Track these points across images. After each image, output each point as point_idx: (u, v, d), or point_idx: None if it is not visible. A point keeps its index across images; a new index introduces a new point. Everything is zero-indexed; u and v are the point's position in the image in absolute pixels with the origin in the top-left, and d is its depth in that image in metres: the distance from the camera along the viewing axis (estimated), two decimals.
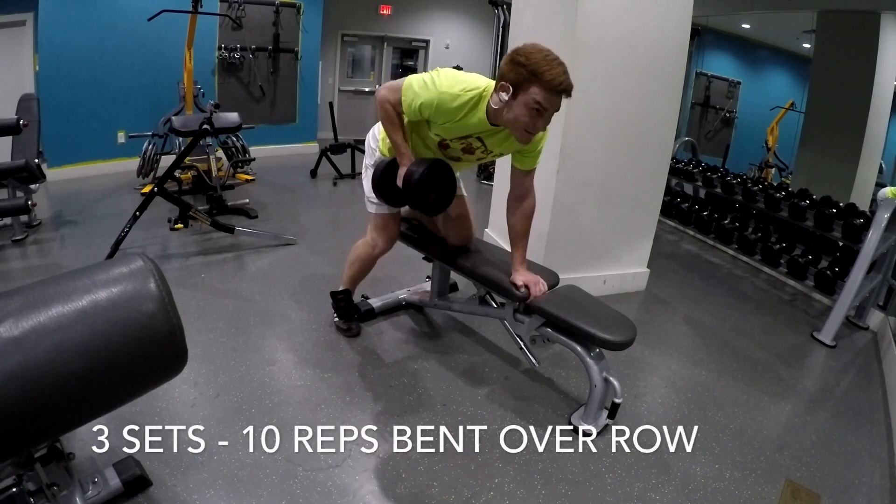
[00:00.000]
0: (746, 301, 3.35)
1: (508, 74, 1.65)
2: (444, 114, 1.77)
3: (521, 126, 1.70)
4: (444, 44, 8.12)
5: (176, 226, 3.38)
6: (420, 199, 1.95)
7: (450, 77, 1.77)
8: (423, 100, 1.76)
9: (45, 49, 4.54)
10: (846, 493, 1.77)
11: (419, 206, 2.01)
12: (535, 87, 1.62)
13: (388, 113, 1.89)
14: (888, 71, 4.24)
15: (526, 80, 1.62)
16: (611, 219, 2.97)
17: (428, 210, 2.03)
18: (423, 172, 1.89)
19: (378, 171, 2.03)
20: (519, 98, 1.65)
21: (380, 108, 1.90)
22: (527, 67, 1.60)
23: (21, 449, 1.11)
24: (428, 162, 1.94)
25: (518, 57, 1.62)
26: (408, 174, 1.90)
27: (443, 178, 1.99)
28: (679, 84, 2.91)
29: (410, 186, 1.90)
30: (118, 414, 1.46)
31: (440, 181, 1.98)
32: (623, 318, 1.93)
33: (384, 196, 2.07)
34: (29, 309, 0.94)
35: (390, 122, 1.91)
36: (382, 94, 1.88)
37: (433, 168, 1.93)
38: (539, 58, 1.61)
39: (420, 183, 1.90)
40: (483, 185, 5.55)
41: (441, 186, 1.99)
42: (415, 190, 1.90)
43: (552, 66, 1.61)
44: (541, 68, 1.60)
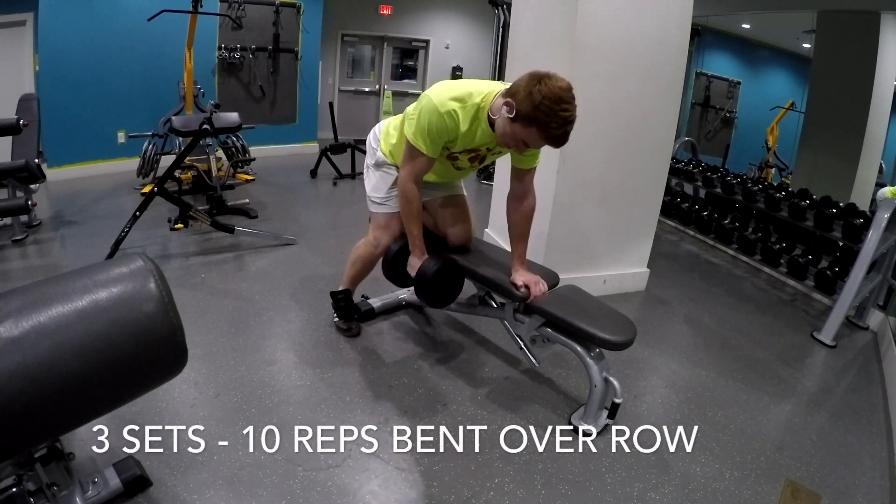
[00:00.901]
0: (746, 301, 3.35)
1: (520, 98, 1.59)
2: (451, 131, 1.78)
3: (505, 141, 1.72)
4: (444, 44, 8.11)
5: (176, 226, 3.38)
6: (430, 294, 2.07)
7: (439, 94, 1.76)
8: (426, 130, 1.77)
9: (45, 49, 4.54)
10: (846, 493, 1.77)
11: (427, 300, 2.12)
12: (533, 129, 1.60)
13: (409, 195, 1.93)
14: (888, 71, 4.24)
15: (530, 117, 1.58)
16: (611, 219, 2.97)
17: (434, 304, 2.15)
18: (436, 271, 2.01)
19: (390, 254, 2.15)
20: (516, 123, 1.63)
21: (401, 194, 1.95)
22: (538, 108, 1.56)
23: (21, 449, 1.11)
24: (441, 261, 2.04)
25: (536, 93, 1.56)
26: (422, 271, 2.01)
27: (453, 276, 2.11)
28: (679, 84, 2.91)
29: (423, 282, 2.02)
30: (118, 414, 1.46)
31: (451, 279, 2.10)
32: (623, 318, 1.93)
33: (392, 276, 2.20)
34: (29, 309, 0.94)
35: (409, 211, 1.96)
36: (401, 177, 1.94)
37: (445, 268, 2.05)
38: (552, 107, 1.55)
39: (432, 281, 2.02)
40: (483, 185, 5.55)
41: (451, 284, 2.12)
42: (427, 286, 2.03)
43: (560, 122, 1.57)
44: (549, 121, 1.57)
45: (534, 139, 1.64)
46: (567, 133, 1.61)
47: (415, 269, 2.03)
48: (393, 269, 2.17)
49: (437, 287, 2.06)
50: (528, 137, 1.64)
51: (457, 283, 2.14)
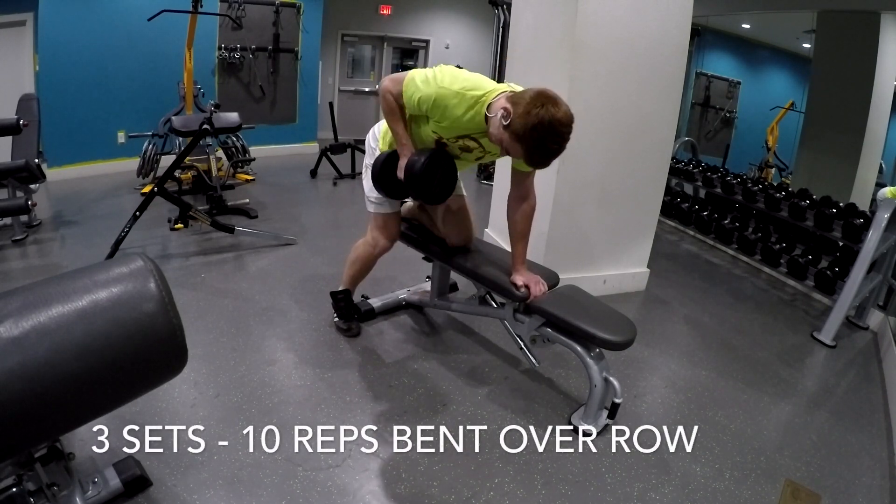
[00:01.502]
0: (746, 301, 3.35)
1: (518, 112, 1.58)
2: (442, 110, 1.77)
3: (492, 139, 1.73)
4: (444, 44, 8.12)
5: (176, 226, 3.38)
6: (422, 188, 1.95)
7: (451, 74, 1.77)
8: (422, 94, 1.77)
9: (45, 49, 4.54)
10: (846, 493, 1.77)
11: (422, 196, 2.02)
12: (518, 146, 1.62)
13: (391, 104, 1.90)
14: (888, 71, 4.24)
15: (519, 135, 1.58)
16: (611, 219, 2.97)
17: (430, 199, 2.04)
18: (424, 161, 1.90)
19: (378, 163, 2.03)
20: (506, 132, 1.63)
21: (382, 98, 1.92)
22: (530, 130, 1.55)
23: (21, 449, 1.11)
24: (429, 151, 1.94)
25: (536, 113, 1.55)
26: (409, 164, 1.91)
27: (444, 165, 1.99)
28: (679, 84, 2.91)
29: (413, 176, 1.90)
30: (118, 414, 1.46)
31: (442, 169, 1.98)
32: (623, 318, 1.93)
33: (385, 189, 2.06)
34: (29, 309, 0.94)
35: (392, 113, 1.92)
36: (386, 84, 1.90)
37: (434, 157, 1.94)
38: (543, 136, 1.55)
39: (422, 172, 1.90)
40: (483, 185, 5.55)
41: (443, 175, 2.00)
42: (417, 179, 1.90)
43: (544, 153, 1.59)
44: (535, 146, 1.58)
45: (516, 152, 1.67)
46: (548, 161, 1.64)
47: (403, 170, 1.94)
48: (383, 179, 2.02)
49: (430, 179, 1.93)
50: (511, 149, 1.67)
51: (450, 175, 2.02)
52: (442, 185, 2.01)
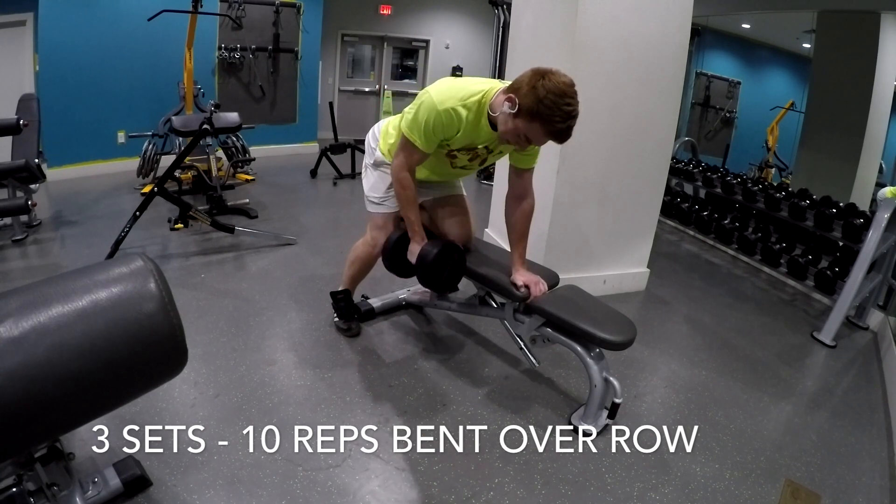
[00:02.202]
0: (746, 301, 3.35)
1: (523, 93, 1.58)
2: (452, 128, 1.77)
3: (506, 137, 1.71)
4: (444, 44, 8.11)
5: (176, 226, 3.38)
6: (433, 279, 2.04)
7: (440, 93, 1.74)
8: (423, 127, 1.76)
9: (45, 49, 4.54)
10: (846, 493, 1.77)
11: (429, 286, 2.10)
12: (536, 124, 1.58)
13: (403, 182, 1.92)
14: (888, 71, 4.24)
15: (534, 112, 1.56)
16: (611, 219, 2.97)
17: (437, 288, 2.13)
18: (436, 254, 1.98)
19: (389, 244, 2.11)
20: (519, 118, 1.61)
21: (397, 182, 1.94)
22: (542, 103, 1.54)
23: (21, 449, 1.11)
24: (441, 244, 2.01)
25: (540, 87, 1.54)
26: (422, 255, 1.98)
27: (455, 258, 2.07)
28: (679, 84, 2.91)
29: (424, 267, 1.99)
30: (118, 414, 1.46)
31: (452, 262, 2.07)
32: (623, 318, 1.93)
33: (393, 267, 2.16)
34: (29, 309, 0.94)
35: (406, 197, 1.96)
36: (395, 164, 1.93)
37: (446, 250, 2.01)
38: (556, 101, 1.53)
39: (434, 265, 1.98)
40: (483, 185, 5.55)
41: (453, 267, 2.08)
42: (428, 271, 1.99)
43: (563, 116, 1.55)
44: (552, 115, 1.54)
45: (536, 134, 1.62)
46: (570, 128, 1.59)
47: (415, 256, 2.00)
48: (393, 260, 2.13)
49: (440, 271, 2.03)
50: (530, 132, 1.62)
51: (459, 266, 2.10)
52: (450, 277, 2.10)
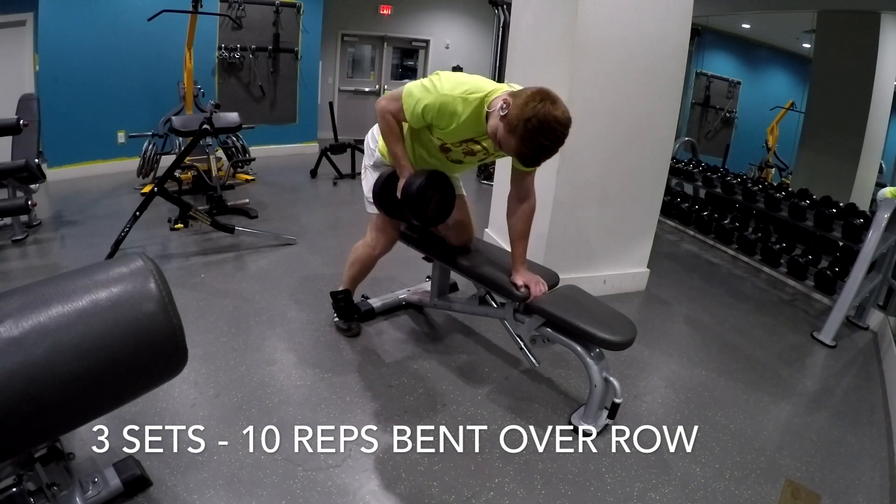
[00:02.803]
0: (746, 301, 3.35)
1: (516, 104, 1.58)
2: (447, 117, 1.77)
3: (489, 133, 1.71)
4: (444, 44, 8.11)
5: (176, 226, 3.38)
6: (419, 210, 1.98)
7: (451, 80, 1.76)
8: (425, 103, 1.75)
9: (45, 49, 4.54)
10: (846, 493, 1.77)
11: (418, 218, 2.03)
12: (511, 138, 1.59)
13: (389, 123, 1.90)
14: (888, 71, 4.24)
15: (513, 127, 1.57)
16: (611, 219, 2.97)
17: (426, 222, 2.07)
18: (421, 183, 1.92)
19: (379, 183, 2.05)
20: (502, 123, 1.62)
21: (380, 118, 1.91)
22: (524, 122, 1.54)
23: (21, 449, 1.11)
24: (426, 173, 1.96)
25: (533, 107, 1.53)
26: (406, 185, 1.93)
27: (441, 188, 2.01)
28: (679, 84, 2.91)
29: (409, 197, 1.93)
30: (118, 414, 1.46)
31: (439, 192, 2.01)
32: (623, 318, 1.93)
33: (385, 209, 2.10)
34: (29, 309, 0.94)
35: (391, 133, 1.92)
36: (382, 104, 1.89)
37: (431, 179, 1.96)
38: (537, 128, 1.53)
39: (419, 194, 1.92)
40: (483, 185, 5.55)
41: (440, 198, 2.02)
42: (413, 201, 1.93)
43: (535, 147, 1.56)
44: (526, 138, 1.55)
45: (508, 146, 1.63)
46: (538, 159, 1.62)
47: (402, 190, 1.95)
48: (384, 198, 2.05)
49: (426, 201, 1.96)
50: (504, 141, 1.63)
51: (447, 197, 2.04)
52: (438, 208, 2.03)
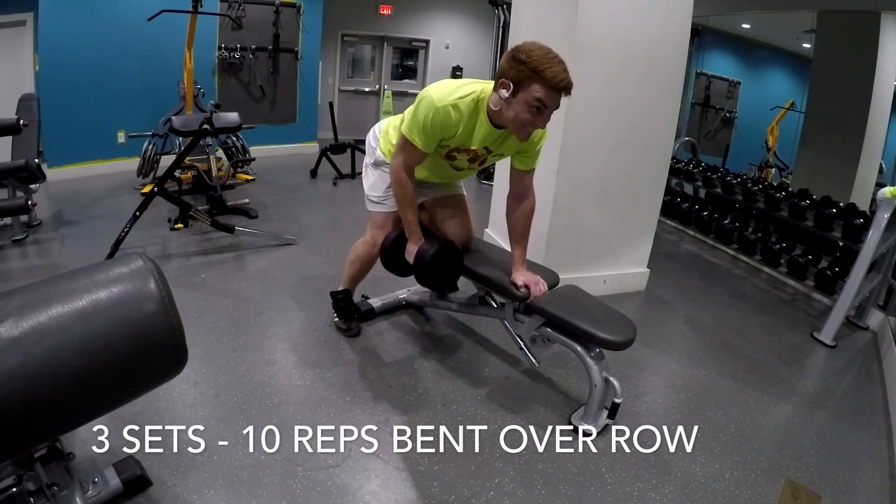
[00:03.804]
0: (746, 301, 3.35)
1: (509, 72, 1.65)
2: (450, 127, 1.77)
3: (521, 122, 1.69)
4: (444, 44, 8.11)
5: (176, 226, 3.38)
6: (430, 278, 2.04)
7: (440, 90, 1.76)
8: (426, 122, 1.75)
9: (45, 49, 4.54)
10: (846, 493, 1.77)
11: (428, 284, 2.09)
12: (536, 85, 1.62)
13: (402, 183, 1.92)
14: (888, 71, 4.24)
15: (527, 77, 1.61)
16: (611, 219, 2.97)
17: (436, 287, 2.13)
18: (434, 254, 1.98)
19: (388, 243, 2.10)
20: (519, 96, 1.65)
21: (394, 182, 1.95)
22: (528, 65, 1.60)
23: (21, 449, 1.11)
24: (438, 243, 2.01)
25: (519, 54, 1.62)
26: (420, 254, 1.98)
27: (452, 256, 2.07)
28: (679, 84, 2.91)
29: (422, 266, 1.98)
30: (118, 414, 1.46)
31: (450, 260, 2.06)
32: (623, 318, 1.93)
33: (391, 267, 2.16)
34: (29, 309, 0.94)
35: (403, 197, 1.95)
36: (394, 164, 1.93)
37: (443, 249, 2.01)
38: (540, 55, 1.61)
39: (431, 264, 1.98)
40: (483, 185, 5.55)
41: (451, 266, 2.08)
42: (426, 270, 1.99)
43: (553, 63, 1.61)
44: (542, 66, 1.60)
45: (543, 94, 1.62)
46: (567, 73, 1.63)
47: (412, 256, 2.01)
48: (391, 259, 2.13)
49: (438, 270, 2.03)
50: (533, 98, 1.62)
51: (457, 264, 2.11)
52: (449, 275, 2.10)
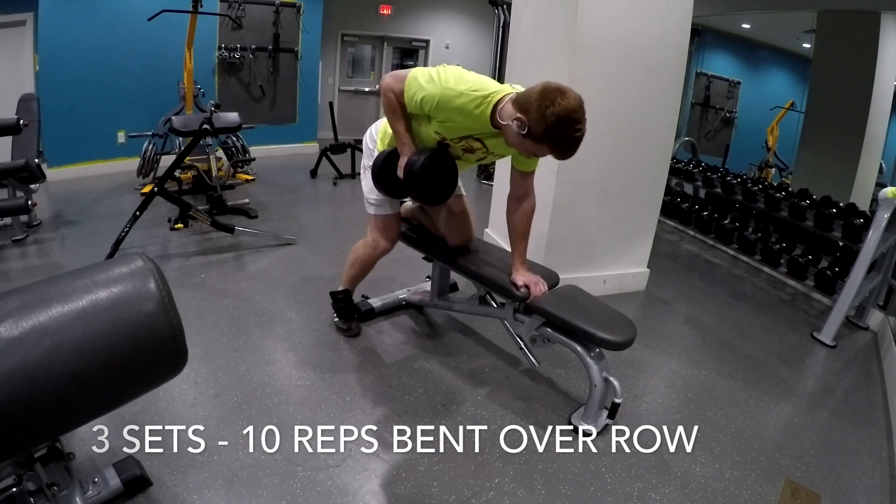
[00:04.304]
0: (746, 301, 3.35)
1: (532, 118, 1.59)
2: (445, 111, 1.76)
3: (518, 150, 1.75)
4: (444, 44, 8.11)
5: (176, 226, 3.38)
6: (422, 188, 1.93)
7: (456, 75, 1.76)
8: (425, 93, 1.75)
9: (45, 49, 4.54)
10: (846, 493, 1.77)
11: (421, 197, 1.99)
12: (544, 146, 1.63)
13: (391, 101, 1.88)
14: (888, 71, 4.24)
15: (543, 136, 1.60)
16: (611, 219, 2.97)
17: (429, 200, 2.01)
18: (424, 161, 1.88)
19: (378, 161, 2.01)
20: (528, 139, 1.64)
21: (383, 95, 1.90)
22: (550, 131, 1.58)
23: (21, 449, 1.11)
24: (429, 151, 1.92)
25: (551, 113, 1.55)
26: (409, 163, 1.89)
27: (444, 166, 1.97)
28: (679, 84, 2.91)
29: (412, 175, 1.88)
30: (118, 414, 1.46)
31: (441, 170, 1.96)
32: (623, 318, 1.93)
33: (385, 188, 2.04)
34: (29, 309, 0.94)
35: (392, 111, 1.91)
36: (387, 81, 1.88)
37: (435, 156, 1.92)
38: (565, 130, 1.57)
39: (422, 172, 1.88)
40: (483, 185, 5.55)
41: (443, 175, 1.97)
42: (417, 179, 1.88)
43: (571, 142, 1.61)
44: (560, 142, 1.60)
45: (543, 152, 1.69)
46: (577, 148, 1.64)
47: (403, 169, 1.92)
48: (383, 176, 2.00)
49: (429, 180, 1.92)
50: (538, 151, 1.69)
51: (450, 176, 2.00)
52: (441, 186, 1.98)
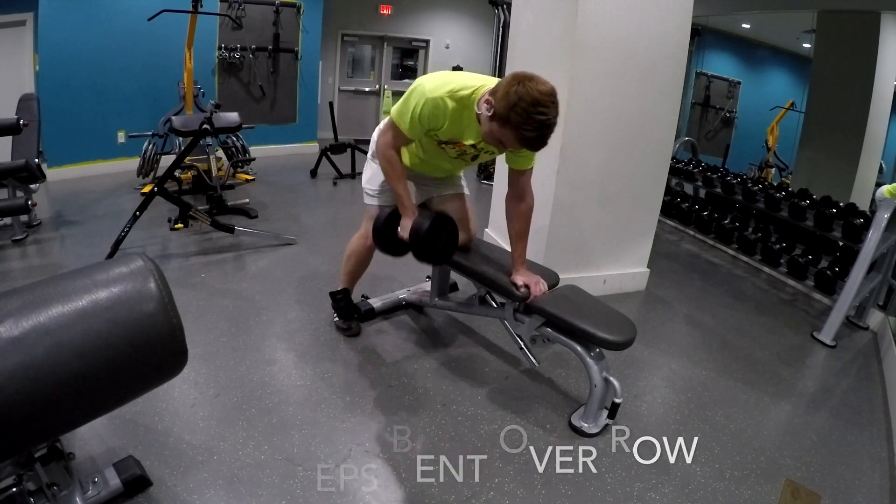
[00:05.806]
0: (746, 301, 3.35)
1: (498, 97, 1.55)
2: (439, 118, 1.76)
3: (486, 139, 1.70)
4: (444, 44, 8.12)
5: (176, 226, 3.38)
6: (426, 252, 1.97)
7: (433, 81, 1.75)
8: (415, 112, 1.74)
9: (45, 49, 4.54)
10: (846, 493, 1.77)
11: (424, 259, 2.02)
12: (507, 130, 1.56)
13: (390, 159, 1.90)
14: (888, 71, 4.23)
15: (505, 118, 1.54)
16: (611, 219, 2.97)
17: (433, 261, 2.06)
18: (429, 226, 1.91)
19: (380, 222, 2.02)
20: (493, 122, 1.60)
21: (381, 157, 1.93)
22: (513, 110, 1.51)
23: (21, 449, 1.11)
24: (432, 215, 1.96)
25: (515, 91, 1.51)
26: (415, 227, 1.91)
27: (448, 229, 2.01)
28: (679, 84, 2.91)
29: (418, 240, 1.91)
30: (118, 414, 1.46)
31: (446, 233, 2.01)
32: (623, 318, 1.93)
33: (384, 246, 2.06)
34: (29, 309, 0.94)
35: (392, 171, 1.92)
36: (380, 142, 1.92)
37: (438, 221, 1.96)
38: (527, 109, 1.50)
39: (427, 237, 1.91)
40: (483, 185, 5.55)
41: (447, 238, 2.02)
42: (422, 243, 1.92)
43: (534, 126, 1.51)
44: (522, 122, 1.51)
45: (509, 140, 1.61)
46: (543, 137, 1.56)
47: (407, 230, 1.93)
48: (384, 237, 2.02)
49: (433, 243, 1.96)
50: (503, 138, 1.61)
51: (452, 236, 2.03)
52: (445, 248, 2.03)
